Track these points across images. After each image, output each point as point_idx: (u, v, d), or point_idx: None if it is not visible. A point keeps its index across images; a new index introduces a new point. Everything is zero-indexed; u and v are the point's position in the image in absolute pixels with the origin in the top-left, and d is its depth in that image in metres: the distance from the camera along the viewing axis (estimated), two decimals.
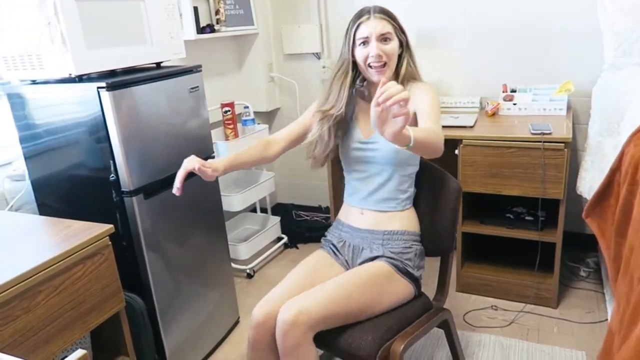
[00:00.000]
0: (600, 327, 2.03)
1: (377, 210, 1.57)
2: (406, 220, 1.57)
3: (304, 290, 1.42)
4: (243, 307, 2.33)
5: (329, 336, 1.41)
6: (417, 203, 1.66)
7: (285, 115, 3.09)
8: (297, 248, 2.97)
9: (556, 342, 1.97)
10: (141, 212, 1.66)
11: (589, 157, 1.94)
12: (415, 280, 1.54)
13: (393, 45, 1.49)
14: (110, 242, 1.43)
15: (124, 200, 1.63)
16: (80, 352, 0.88)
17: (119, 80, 1.57)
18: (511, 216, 2.26)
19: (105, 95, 1.52)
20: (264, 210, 3.06)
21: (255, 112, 2.78)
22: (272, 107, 3.04)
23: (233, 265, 2.59)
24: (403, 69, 1.54)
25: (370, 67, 1.49)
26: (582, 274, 2.42)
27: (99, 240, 1.39)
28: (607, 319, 2.07)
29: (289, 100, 3.05)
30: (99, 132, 1.59)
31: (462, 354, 1.83)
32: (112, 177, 1.61)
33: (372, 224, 1.57)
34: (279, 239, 2.97)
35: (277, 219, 2.92)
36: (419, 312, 1.54)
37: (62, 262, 1.28)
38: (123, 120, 1.58)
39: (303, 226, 3.10)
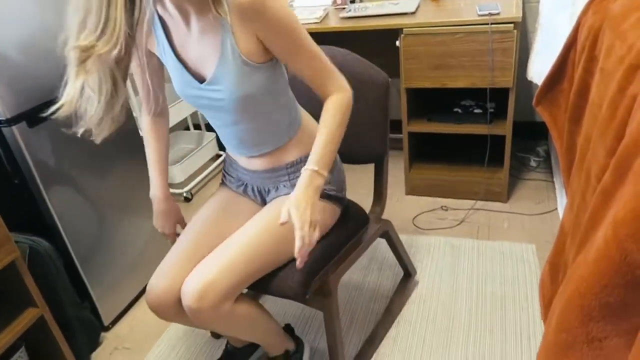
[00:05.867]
0: (550, 217, 1.99)
1: (261, 155, 1.23)
2: (303, 144, 1.23)
3: (210, 243, 1.19)
4: None
5: (255, 282, 1.19)
6: None
7: None
8: None
9: (506, 237, 1.92)
10: (29, 142, 1.39)
11: (540, 37, 1.75)
12: (337, 199, 1.28)
13: None
14: None
15: (1, 131, 1.36)
16: None
17: None
18: (459, 110, 2.11)
19: None
20: (197, 127, 2.80)
21: None
22: None
23: None
24: None
25: None
26: (532, 164, 2.35)
27: None
28: (556, 208, 2.02)
29: None
30: None
31: (410, 262, 1.75)
32: None
33: (267, 164, 1.24)
34: (218, 156, 2.75)
35: (213, 135, 2.68)
36: (352, 232, 1.35)
37: None
38: None
39: None
